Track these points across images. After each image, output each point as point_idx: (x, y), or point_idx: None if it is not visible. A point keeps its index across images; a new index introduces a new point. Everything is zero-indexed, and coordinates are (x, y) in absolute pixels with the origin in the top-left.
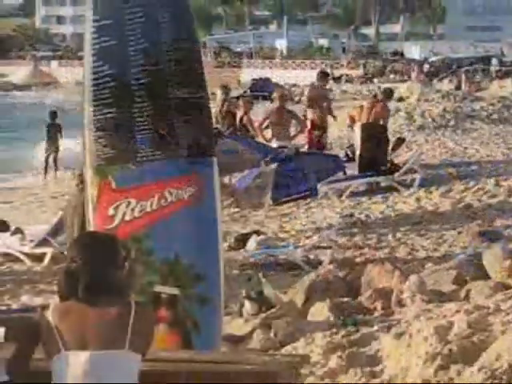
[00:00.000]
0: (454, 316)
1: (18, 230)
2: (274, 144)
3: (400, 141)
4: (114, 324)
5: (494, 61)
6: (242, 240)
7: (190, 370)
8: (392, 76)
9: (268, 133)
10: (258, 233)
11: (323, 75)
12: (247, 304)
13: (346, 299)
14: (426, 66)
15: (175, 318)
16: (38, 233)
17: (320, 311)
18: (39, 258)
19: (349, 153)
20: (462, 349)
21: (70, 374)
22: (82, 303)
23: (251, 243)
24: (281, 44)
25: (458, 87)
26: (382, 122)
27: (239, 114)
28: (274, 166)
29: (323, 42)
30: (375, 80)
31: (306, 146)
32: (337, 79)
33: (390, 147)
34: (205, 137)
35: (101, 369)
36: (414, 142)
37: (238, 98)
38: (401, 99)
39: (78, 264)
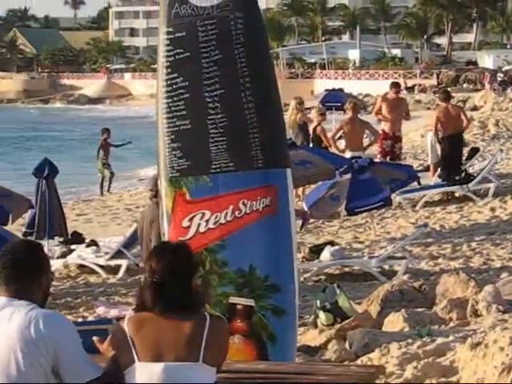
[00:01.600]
0: None
1: (93, 242)
2: (348, 154)
3: (474, 150)
4: (188, 336)
5: None
6: (317, 251)
7: (265, 381)
8: (465, 85)
9: (341, 143)
10: (332, 243)
11: (394, 85)
12: (322, 315)
13: (420, 309)
14: (500, 75)
15: (250, 329)
16: (113, 245)
17: (395, 322)
18: (114, 270)
19: (423, 162)
20: None
21: None
22: (159, 315)
23: (325, 254)
24: (353, 54)
25: None
26: (464, 124)
27: (313, 124)
28: (348, 176)
29: (396, 51)
30: (449, 89)
31: (378, 156)
32: (410, 89)
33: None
34: (279, 148)
35: (175, 380)
36: (489, 151)
37: (310, 108)
38: (475, 108)
39: (163, 276)
